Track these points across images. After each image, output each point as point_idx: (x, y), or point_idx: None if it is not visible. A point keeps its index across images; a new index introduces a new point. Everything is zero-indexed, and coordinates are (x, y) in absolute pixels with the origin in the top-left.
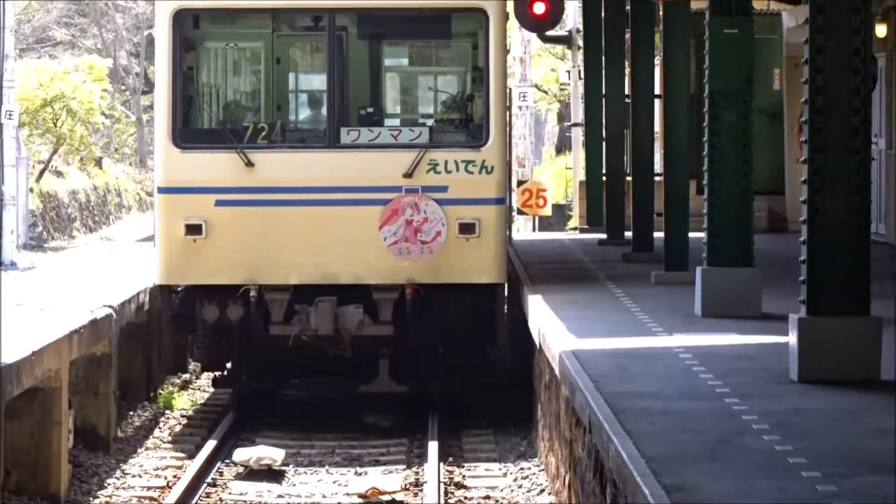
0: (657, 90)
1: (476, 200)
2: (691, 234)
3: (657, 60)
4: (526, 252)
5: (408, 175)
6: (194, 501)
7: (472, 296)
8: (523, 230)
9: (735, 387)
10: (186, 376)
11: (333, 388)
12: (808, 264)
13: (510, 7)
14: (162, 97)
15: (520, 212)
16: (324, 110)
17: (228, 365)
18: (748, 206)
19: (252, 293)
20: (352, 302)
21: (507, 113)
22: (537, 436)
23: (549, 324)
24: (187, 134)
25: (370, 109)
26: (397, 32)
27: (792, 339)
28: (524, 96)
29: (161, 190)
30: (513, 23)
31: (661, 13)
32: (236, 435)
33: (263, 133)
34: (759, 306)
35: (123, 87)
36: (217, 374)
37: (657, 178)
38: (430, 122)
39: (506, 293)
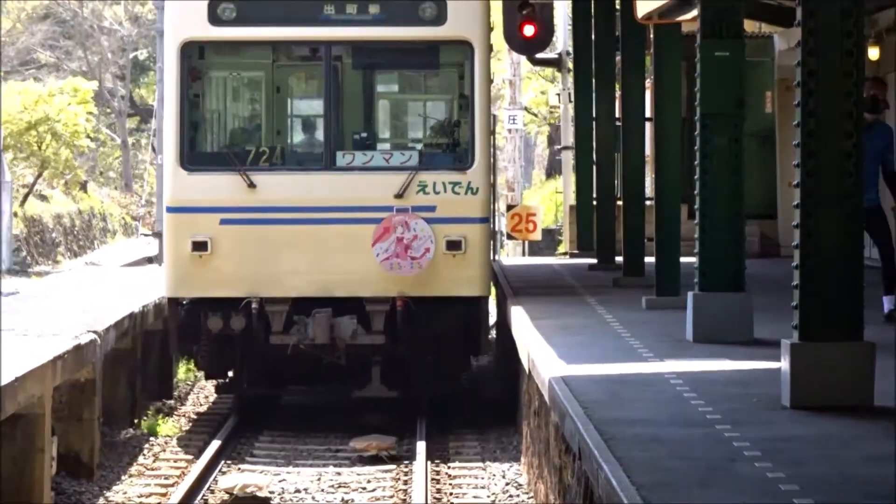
0: (648, 113)
1: (462, 219)
2: (682, 259)
3: (648, 83)
4: (515, 277)
5: (399, 196)
6: None
7: (458, 308)
8: (513, 255)
9: (727, 413)
10: (171, 402)
11: (329, 394)
12: (801, 289)
13: (499, 30)
14: (171, 123)
15: (509, 236)
16: (321, 135)
17: (230, 373)
18: (740, 231)
19: (254, 305)
20: (346, 313)
21: (492, 137)
22: (525, 462)
23: (538, 349)
24: (194, 157)
25: (364, 134)
26: (389, 63)
27: (784, 364)
28: (514, 119)
29: (170, 209)
30: (502, 45)
31: (651, 35)
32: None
33: (265, 156)
34: (750, 331)
35: (108, 110)
36: (220, 381)
37: (648, 203)
38: (419, 146)
39: (489, 306)
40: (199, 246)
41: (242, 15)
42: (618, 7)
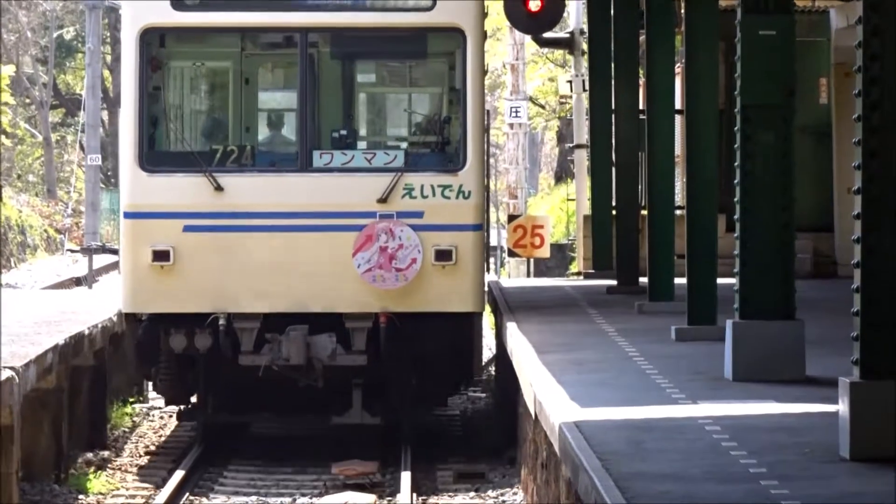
0: (678, 104)
1: (453, 226)
2: (720, 281)
3: (678, 68)
4: (519, 302)
5: (382, 200)
6: None
7: (448, 325)
8: (516, 275)
9: (773, 466)
10: (105, 453)
11: (304, 421)
12: (862, 317)
13: (498, 5)
14: (128, 119)
15: (511, 253)
16: (295, 132)
17: (193, 398)
18: (789, 247)
19: (221, 322)
20: (324, 331)
21: (486, 135)
22: None
23: (546, 389)
24: (154, 157)
25: (343, 132)
26: (371, 52)
27: (843, 407)
28: (516, 112)
29: (127, 215)
30: (502, 21)
31: (682, 11)
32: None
33: (233, 156)
34: (802, 368)
35: (28, 100)
36: (181, 407)
37: (678, 212)
38: (405, 145)
39: (483, 324)
40: (160, 256)
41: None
42: None
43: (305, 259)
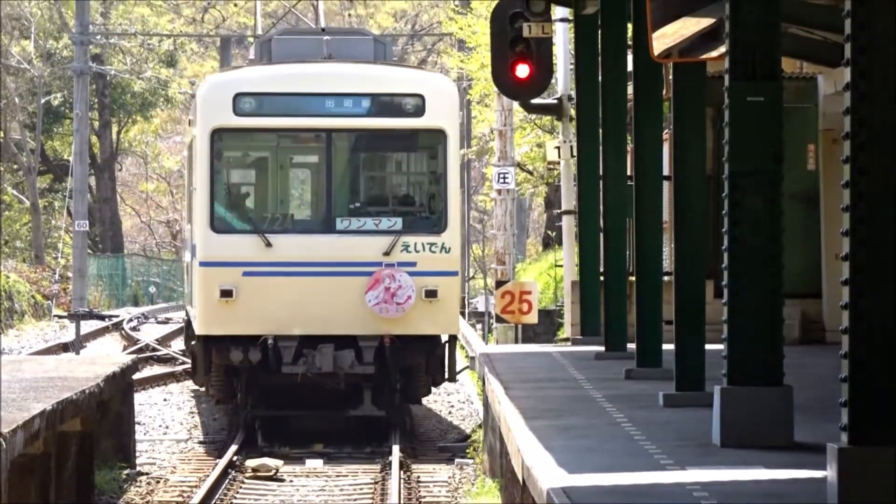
0: (666, 170)
1: (437, 273)
2: (708, 347)
3: (666, 134)
4: (506, 368)
5: (387, 253)
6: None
7: (433, 343)
8: (503, 341)
9: None
10: None
11: (330, 413)
12: (851, 383)
13: (487, 71)
14: (202, 194)
15: (499, 319)
16: (323, 204)
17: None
18: (777, 312)
19: (269, 341)
20: (344, 348)
21: (463, 206)
22: None
23: (534, 455)
24: (221, 222)
25: (357, 204)
26: (377, 146)
27: (831, 473)
28: (504, 178)
29: (202, 264)
30: (491, 88)
31: (670, 77)
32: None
33: (278, 221)
34: (790, 434)
35: (15, 166)
36: (227, 404)
37: (666, 278)
38: (402, 213)
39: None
40: (226, 293)
41: (259, 107)
42: (630, 42)
43: (330, 296)
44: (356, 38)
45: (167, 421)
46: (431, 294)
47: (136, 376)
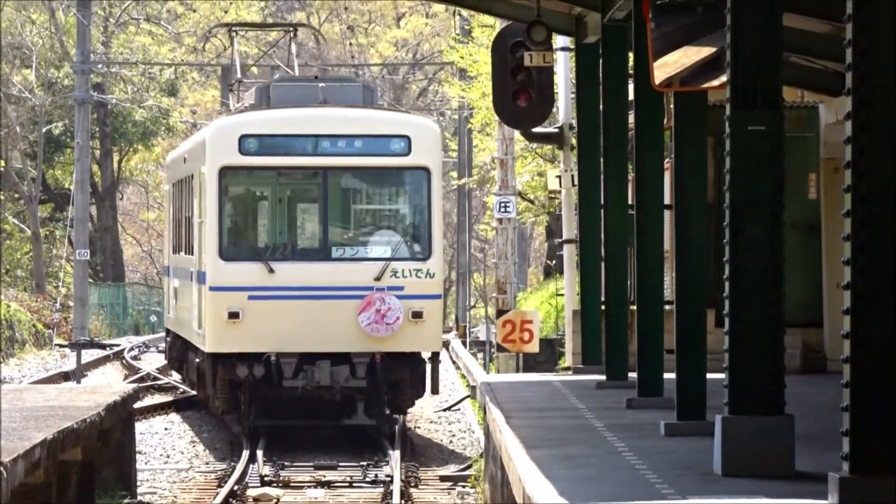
0: (667, 199)
1: (423, 296)
2: (709, 376)
3: (667, 163)
4: (507, 398)
5: (377, 279)
6: None
7: (420, 360)
8: (504, 370)
9: None
10: None
11: (327, 422)
12: (852, 412)
13: (489, 101)
14: (212, 225)
15: (500, 348)
16: (320, 234)
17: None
18: (778, 341)
19: (272, 358)
20: (339, 364)
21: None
22: None
23: (535, 485)
24: (229, 250)
25: (351, 234)
26: (368, 182)
27: (832, 503)
28: (505, 207)
29: (212, 288)
30: (492, 117)
31: (671, 106)
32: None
33: (279, 250)
34: (791, 463)
35: (16, 195)
36: (231, 415)
37: (668, 307)
38: (391, 242)
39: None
40: (233, 315)
41: (262, 147)
42: (631, 71)
43: (327, 317)
44: (347, 84)
45: (168, 450)
46: (417, 315)
47: (137, 405)
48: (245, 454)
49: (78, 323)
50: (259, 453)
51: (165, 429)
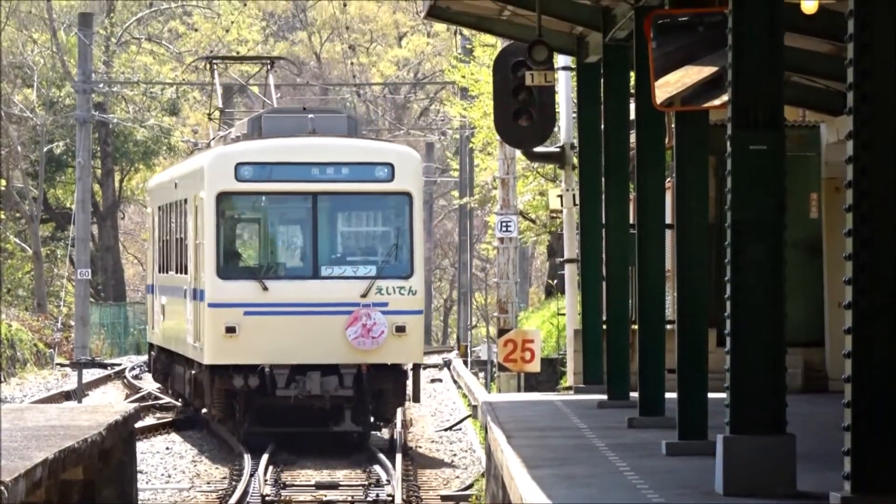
0: (668, 219)
1: (406, 311)
2: (711, 395)
3: (668, 182)
4: (509, 417)
5: (363, 295)
6: None
7: (400, 371)
8: (506, 389)
9: None
10: None
11: (317, 429)
12: (853, 431)
13: (491, 119)
14: (210, 247)
15: (501, 367)
16: (310, 255)
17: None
18: (780, 361)
19: (266, 369)
20: (328, 375)
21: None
22: None
23: None
24: (226, 270)
25: (339, 254)
26: (355, 206)
27: None
28: (507, 226)
29: (210, 305)
30: (493, 136)
31: (672, 125)
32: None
33: (273, 269)
34: (793, 482)
35: (18, 214)
36: (227, 423)
37: (669, 327)
38: (376, 261)
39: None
40: (230, 329)
41: (256, 174)
42: (632, 91)
43: (317, 331)
44: (333, 115)
45: (169, 469)
46: (401, 329)
47: (139, 425)
48: (246, 473)
49: (79, 342)
50: (260, 472)
51: (167, 448)
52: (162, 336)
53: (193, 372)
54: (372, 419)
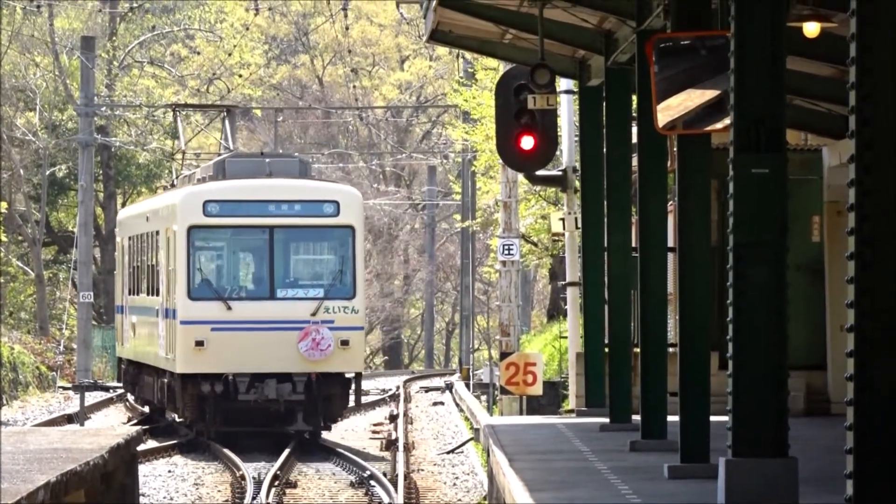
0: (671, 242)
1: (349, 328)
2: (713, 418)
3: (670, 206)
4: (511, 440)
5: (313, 314)
6: None
7: (345, 379)
8: (508, 412)
9: None
10: None
11: (273, 428)
12: (856, 454)
13: (493, 142)
14: (181, 272)
15: (504, 391)
16: (267, 279)
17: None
18: (782, 384)
19: (230, 377)
20: (283, 382)
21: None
22: None
23: None
24: (195, 291)
25: (292, 279)
26: (305, 237)
27: None
28: (509, 249)
29: (182, 322)
30: (496, 160)
31: (674, 148)
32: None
33: (235, 291)
34: None
35: (20, 238)
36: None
37: (671, 350)
38: (324, 285)
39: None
40: (199, 343)
41: (222, 210)
42: (634, 114)
43: (273, 344)
44: (287, 159)
45: (171, 492)
46: (345, 343)
47: (141, 447)
48: (248, 496)
49: (81, 365)
50: (262, 495)
51: (169, 471)
52: (133, 350)
53: (165, 380)
54: (322, 421)
